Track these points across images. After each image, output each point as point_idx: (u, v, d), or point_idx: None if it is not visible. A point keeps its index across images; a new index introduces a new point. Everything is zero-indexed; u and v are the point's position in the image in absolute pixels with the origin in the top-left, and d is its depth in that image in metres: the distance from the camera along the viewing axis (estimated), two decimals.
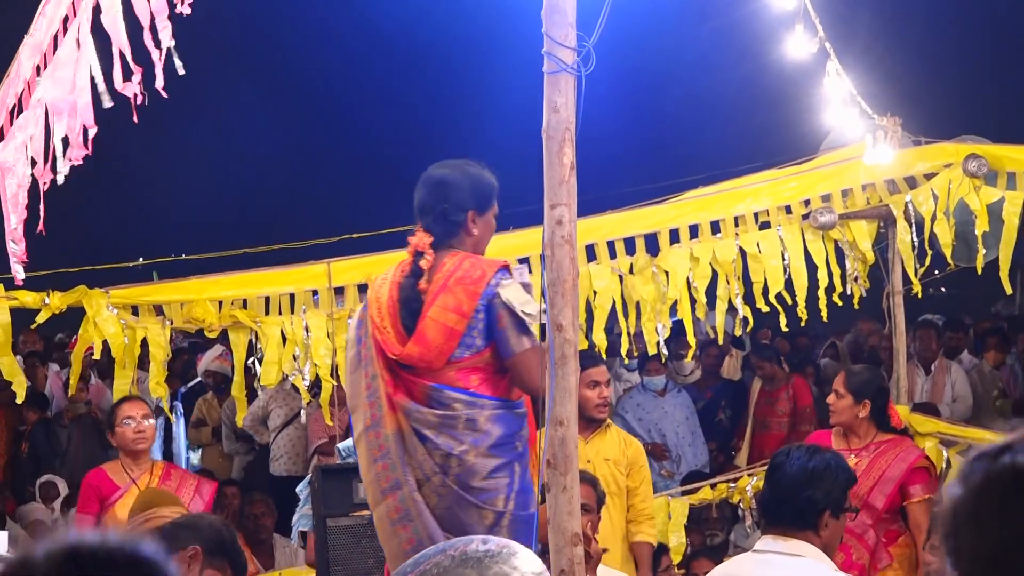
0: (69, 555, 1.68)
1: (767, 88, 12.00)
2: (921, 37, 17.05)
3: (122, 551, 1.70)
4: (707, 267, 7.89)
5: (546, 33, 4.19)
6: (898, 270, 8.16)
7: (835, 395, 6.80)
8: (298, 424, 10.54)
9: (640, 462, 6.84)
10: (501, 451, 4.60)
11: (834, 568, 4.24)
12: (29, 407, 11.26)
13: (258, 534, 8.46)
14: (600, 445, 6.75)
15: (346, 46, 19.23)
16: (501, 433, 4.60)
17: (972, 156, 8.05)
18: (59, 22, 4.37)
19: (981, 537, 1.70)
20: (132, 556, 1.71)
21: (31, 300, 7.01)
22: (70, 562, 1.68)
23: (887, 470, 6.67)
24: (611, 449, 6.76)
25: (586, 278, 7.61)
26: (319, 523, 6.00)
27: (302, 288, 7.51)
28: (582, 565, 4.11)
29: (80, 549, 1.69)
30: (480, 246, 4.78)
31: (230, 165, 19.85)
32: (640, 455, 6.88)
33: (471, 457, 4.57)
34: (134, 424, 6.45)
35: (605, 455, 6.72)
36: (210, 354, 11.89)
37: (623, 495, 6.71)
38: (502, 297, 4.56)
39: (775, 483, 4.29)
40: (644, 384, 10.61)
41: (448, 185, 4.73)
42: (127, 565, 1.70)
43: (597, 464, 6.65)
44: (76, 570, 1.67)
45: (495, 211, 4.81)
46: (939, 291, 15.77)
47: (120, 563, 1.70)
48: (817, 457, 4.42)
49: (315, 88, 21.39)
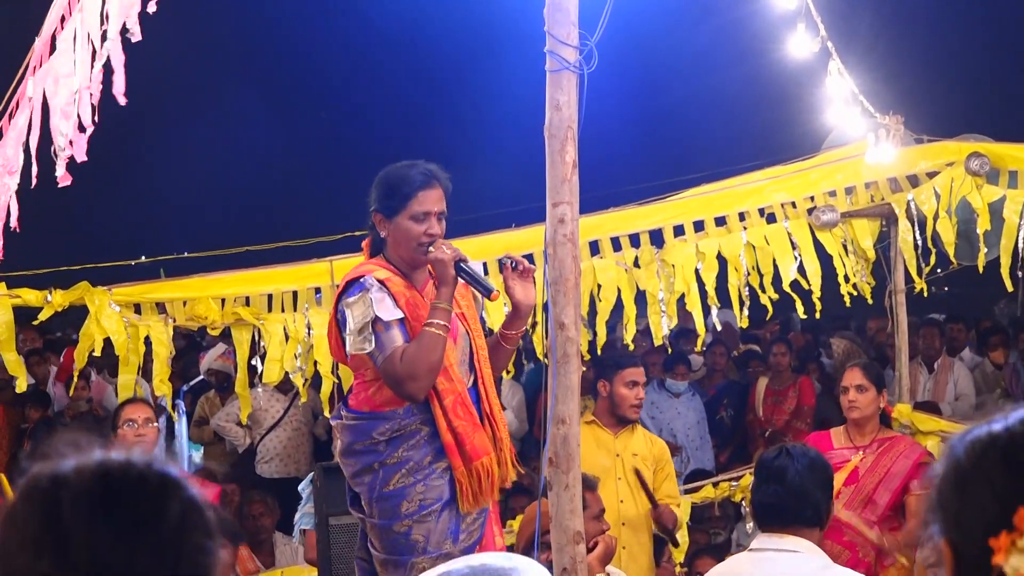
0: (101, 469, 1.70)
1: (769, 87, 11.98)
2: (923, 35, 17.03)
3: (153, 467, 1.73)
4: (714, 261, 7.90)
5: (548, 31, 4.19)
6: (900, 269, 8.17)
7: (856, 390, 6.70)
8: (287, 425, 10.53)
9: (666, 458, 6.91)
10: (355, 457, 4.68)
11: (830, 562, 4.27)
12: (31, 405, 11.27)
13: (258, 534, 8.45)
14: (628, 441, 6.83)
15: (349, 45, 19.21)
16: (349, 440, 4.69)
17: (974, 155, 8.05)
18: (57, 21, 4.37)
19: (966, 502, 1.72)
20: (162, 471, 1.73)
21: (33, 298, 7.00)
22: (103, 475, 1.70)
23: (892, 467, 6.66)
24: (639, 445, 6.84)
25: (590, 272, 7.62)
26: (321, 521, 6.01)
27: (305, 286, 7.51)
28: (584, 563, 4.11)
29: (111, 464, 1.71)
30: (399, 249, 4.69)
31: (232, 164, 19.83)
32: (665, 452, 6.95)
33: (339, 459, 4.79)
34: (135, 427, 6.43)
35: (633, 450, 6.79)
36: (212, 352, 11.88)
37: (649, 488, 6.77)
38: (343, 310, 4.60)
39: (782, 483, 4.29)
40: (665, 385, 10.64)
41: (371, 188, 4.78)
42: (159, 479, 1.72)
43: (626, 458, 6.74)
44: (109, 483, 1.69)
45: (412, 212, 4.63)
46: (941, 290, 15.77)
47: (152, 477, 1.72)
48: (815, 456, 4.46)
49: (317, 86, 21.39)
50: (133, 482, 1.71)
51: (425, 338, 4.47)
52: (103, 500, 1.67)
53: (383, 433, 4.63)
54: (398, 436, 4.63)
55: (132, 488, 1.70)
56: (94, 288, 7.09)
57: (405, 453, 4.61)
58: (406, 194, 4.65)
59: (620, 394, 6.75)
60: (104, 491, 1.68)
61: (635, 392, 6.79)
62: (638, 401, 6.82)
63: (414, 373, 4.46)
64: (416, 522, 4.58)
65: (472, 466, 4.56)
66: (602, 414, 6.88)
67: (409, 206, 4.64)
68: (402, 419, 4.63)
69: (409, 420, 4.63)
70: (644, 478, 6.72)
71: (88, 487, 1.68)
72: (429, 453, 4.59)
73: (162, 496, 1.71)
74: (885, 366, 11.66)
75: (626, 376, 6.76)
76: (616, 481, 6.65)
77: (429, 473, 4.59)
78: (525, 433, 10.72)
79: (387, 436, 4.63)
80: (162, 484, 1.72)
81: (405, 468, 4.61)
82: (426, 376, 4.48)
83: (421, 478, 4.59)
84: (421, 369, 4.46)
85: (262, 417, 10.57)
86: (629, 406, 6.78)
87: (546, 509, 4.30)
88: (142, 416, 6.48)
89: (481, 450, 4.57)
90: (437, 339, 4.47)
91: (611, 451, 6.71)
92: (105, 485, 1.69)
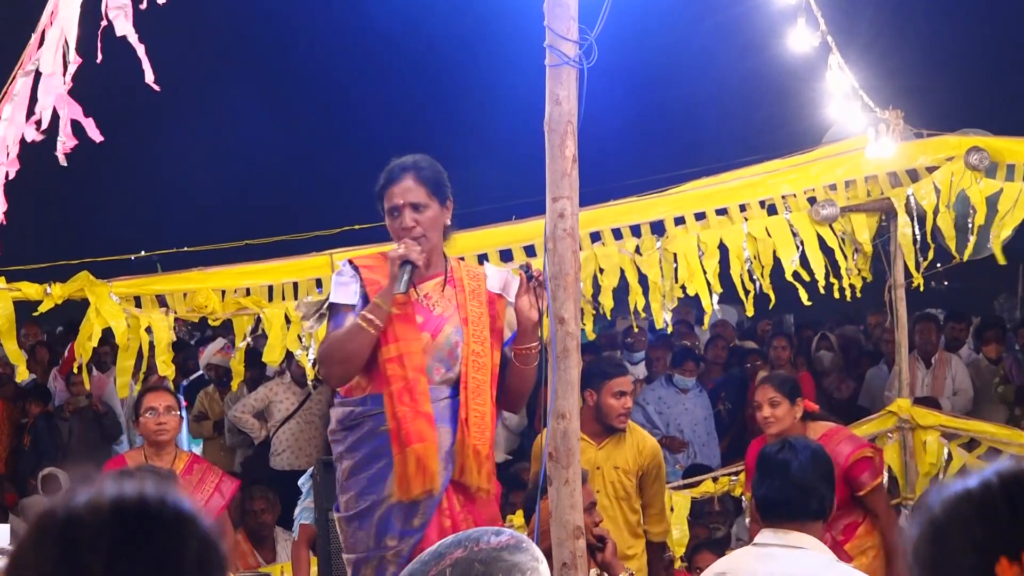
0: (117, 506, 1.66)
1: (769, 82, 11.99)
2: (923, 30, 17.04)
3: (168, 502, 1.69)
4: (715, 250, 7.89)
5: (548, 26, 4.19)
6: (899, 263, 8.17)
7: (769, 405, 6.54)
8: (300, 418, 10.54)
9: (655, 462, 6.69)
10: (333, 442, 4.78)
11: (834, 559, 4.27)
12: (32, 400, 11.28)
13: (259, 531, 8.44)
14: (612, 452, 6.63)
15: (348, 40, 19.21)
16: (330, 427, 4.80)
17: (974, 149, 8.05)
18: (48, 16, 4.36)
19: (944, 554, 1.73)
20: (178, 507, 1.70)
21: (33, 291, 7.01)
22: (121, 513, 1.66)
23: None
24: (623, 457, 6.63)
25: (592, 259, 7.62)
26: (321, 516, 6.00)
27: (304, 279, 7.53)
28: (584, 558, 4.11)
29: (127, 500, 1.67)
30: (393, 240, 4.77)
31: (232, 158, 19.85)
32: (655, 458, 6.71)
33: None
34: (156, 416, 6.40)
35: (616, 463, 6.60)
36: (212, 347, 11.91)
37: (631, 499, 6.63)
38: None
39: (787, 478, 4.29)
40: (673, 380, 10.60)
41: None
42: (176, 516, 1.69)
43: (606, 471, 6.56)
44: (128, 522, 1.65)
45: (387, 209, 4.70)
46: (941, 284, 15.78)
47: (170, 514, 1.69)
48: (817, 448, 4.46)
49: (316, 81, 21.39)
50: (151, 520, 1.67)
51: (346, 328, 4.58)
52: (121, 539, 1.64)
53: (343, 421, 4.70)
54: (353, 425, 4.67)
55: (150, 526, 1.66)
56: (94, 280, 7.10)
57: (356, 443, 4.66)
58: (379, 193, 4.73)
59: (608, 404, 6.54)
60: (122, 529, 1.64)
61: (623, 402, 6.58)
62: (625, 411, 6.61)
63: (327, 358, 4.59)
64: (361, 516, 4.62)
65: (406, 451, 4.54)
66: (586, 423, 6.71)
67: (384, 205, 4.71)
68: (357, 407, 4.67)
69: (363, 409, 4.66)
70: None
71: (104, 525, 1.64)
72: (379, 446, 4.61)
73: (180, 534, 1.68)
74: (880, 361, 11.70)
75: (614, 386, 6.54)
76: (595, 495, 6.55)
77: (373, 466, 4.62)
78: (525, 427, 10.73)
79: (345, 425, 4.69)
80: (179, 521, 1.69)
81: (356, 459, 4.65)
82: (339, 364, 4.58)
83: (368, 471, 4.62)
84: (335, 356, 4.57)
85: (276, 409, 10.58)
86: (616, 416, 6.56)
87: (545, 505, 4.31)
88: (163, 404, 6.42)
89: (416, 436, 4.54)
90: (357, 330, 4.53)
91: (591, 463, 6.48)
92: (123, 524, 1.65)
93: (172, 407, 6.44)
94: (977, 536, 1.69)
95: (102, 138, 4.16)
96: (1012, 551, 1.65)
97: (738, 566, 4.37)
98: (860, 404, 11.30)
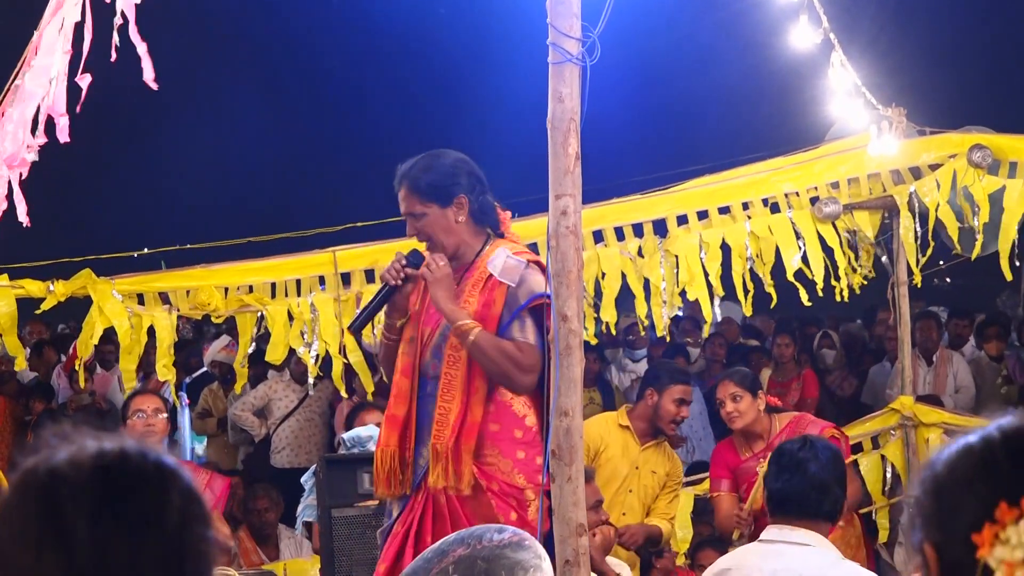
0: (98, 462, 1.66)
1: (772, 79, 11.98)
2: (926, 27, 17.02)
3: (149, 458, 1.70)
4: (717, 250, 7.89)
5: (551, 23, 4.18)
6: (902, 261, 8.16)
7: (732, 400, 6.55)
8: (299, 415, 10.55)
9: (677, 479, 6.85)
10: None
11: (840, 556, 4.27)
12: (35, 397, 11.30)
13: (262, 528, 8.45)
14: (651, 456, 6.74)
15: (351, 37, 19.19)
16: None
17: (977, 147, 8.04)
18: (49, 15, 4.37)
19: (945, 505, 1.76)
20: (159, 462, 1.70)
21: (36, 288, 7.01)
22: (101, 469, 1.66)
23: None
24: (659, 463, 6.76)
25: (594, 261, 7.62)
26: (324, 513, 6.01)
27: (308, 276, 7.53)
28: (587, 555, 4.11)
29: (107, 456, 1.67)
30: None
31: (234, 156, 19.83)
32: (678, 471, 6.90)
33: None
34: (144, 418, 6.42)
35: (653, 467, 6.72)
36: (216, 344, 11.93)
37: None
38: None
39: (805, 475, 4.29)
40: None
41: None
42: (157, 471, 1.69)
43: (644, 473, 6.67)
44: (109, 478, 1.65)
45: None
46: (944, 282, 15.76)
47: (151, 469, 1.69)
48: (836, 450, 4.47)
49: (318, 77, 21.38)
50: (132, 474, 1.67)
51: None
52: (104, 495, 1.64)
53: None
54: None
55: (132, 481, 1.66)
56: (97, 278, 7.11)
57: None
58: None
59: (665, 408, 6.64)
60: (104, 485, 1.64)
61: (680, 411, 6.70)
62: (680, 419, 6.74)
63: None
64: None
65: (379, 451, 4.75)
66: (638, 420, 6.76)
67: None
68: None
69: None
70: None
71: (87, 482, 1.64)
72: None
73: (163, 487, 1.68)
74: (883, 358, 11.69)
75: (676, 392, 6.66)
76: (627, 493, 6.58)
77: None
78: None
79: None
80: (161, 475, 1.69)
81: None
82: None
83: None
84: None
85: (275, 407, 10.59)
86: (670, 421, 6.69)
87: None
88: (151, 406, 6.45)
89: (384, 440, 4.74)
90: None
91: (633, 462, 6.63)
92: (104, 478, 1.65)
93: (160, 409, 6.48)
94: (978, 488, 1.71)
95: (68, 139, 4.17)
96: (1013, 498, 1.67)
97: (743, 562, 4.37)
98: (863, 401, 11.30)
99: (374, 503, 5.86)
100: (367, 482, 5.58)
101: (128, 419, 6.45)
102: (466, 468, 4.63)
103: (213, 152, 19.23)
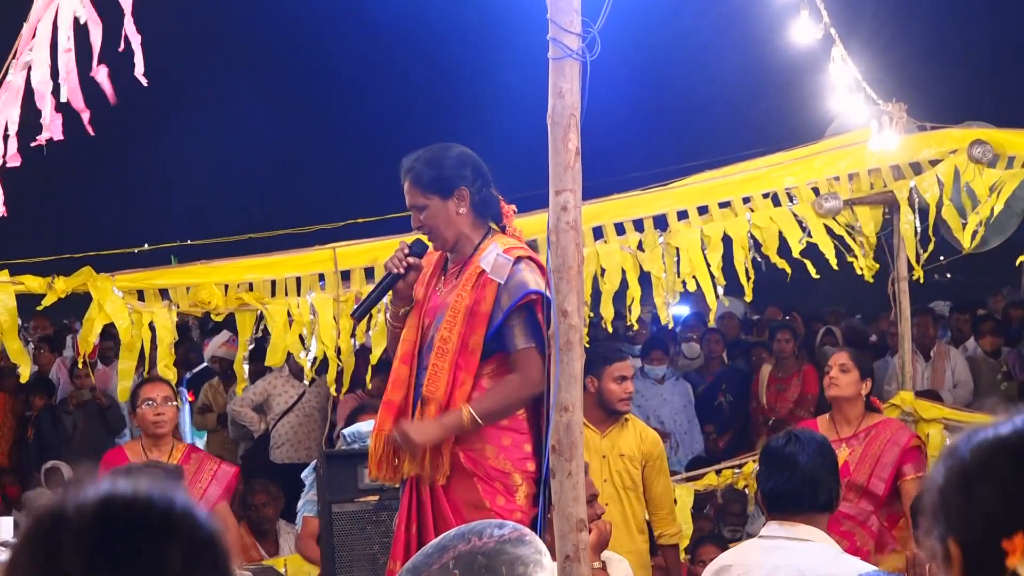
0: (102, 508, 1.63)
1: (772, 74, 11.98)
2: (926, 22, 17.02)
3: (157, 503, 1.66)
4: (719, 243, 7.89)
5: (551, 19, 4.18)
6: (902, 256, 8.16)
7: (839, 369, 6.66)
8: (299, 411, 10.55)
9: (656, 454, 6.72)
10: None
11: (840, 551, 4.28)
12: (35, 393, 11.29)
13: (261, 524, 8.45)
14: (616, 439, 6.64)
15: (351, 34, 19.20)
16: None
17: (977, 142, 8.04)
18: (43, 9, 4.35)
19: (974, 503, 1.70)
20: (167, 508, 1.66)
21: (36, 285, 7.01)
22: (103, 516, 1.63)
23: (882, 456, 6.61)
24: (627, 444, 6.65)
25: (593, 257, 7.62)
26: (324, 509, 6.00)
27: (308, 272, 7.53)
28: (587, 551, 4.11)
29: (113, 501, 1.64)
30: None
31: (234, 152, 19.85)
32: (656, 447, 6.76)
33: None
34: (154, 406, 6.40)
35: (620, 450, 6.61)
36: (217, 340, 11.92)
37: (638, 489, 6.63)
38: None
39: (795, 470, 4.29)
40: (645, 372, 10.62)
41: None
42: (162, 518, 1.65)
43: (612, 459, 6.56)
44: (110, 524, 1.63)
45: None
46: (945, 277, 15.77)
47: (155, 516, 1.65)
48: (822, 440, 4.46)
49: (319, 74, 21.39)
50: (135, 523, 1.63)
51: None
52: (103, 541, 1.61)
53: None
54: None
55: (133, 530, 1.63)
56: (97, 274, 7.10)
57: None
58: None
59: (609, 389, 6.57)
60: (104, 531, 1.62)
61: (624, 387, 6.61)
62: (627, 395, 6.65)
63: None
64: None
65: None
66: (589, 410, 6.73)
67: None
68: None
69: None
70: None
71: (88, 529, 1.61)
72: None
73: (166, 534, 1.64)
74: (884, 354, 11.69)
75: (614, 371, 6.57)
76: (602, 484, 6.54)
77: None
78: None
79: None
80: (167, 520, 1.65)
81: None
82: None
83: None
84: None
85: (275, 403, 10.60)
86: (619, 400, 6.59)
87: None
88: (161, 395, 6.42)
89: (379, 424, 4.83)
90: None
91: (597, 452, 6.51)
92: (105, 524, 1.62)
93: (169, 397, 6.45)
94: (1011, 490, 1.65)
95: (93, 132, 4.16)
96: None
97: (744, 558, 4.37)
98: None
99: (374, 498, 5.86)
100: (367, 477, 5.58)
101: (137, 408, 6.43)
102: (444, 460, 4.68)
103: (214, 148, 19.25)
